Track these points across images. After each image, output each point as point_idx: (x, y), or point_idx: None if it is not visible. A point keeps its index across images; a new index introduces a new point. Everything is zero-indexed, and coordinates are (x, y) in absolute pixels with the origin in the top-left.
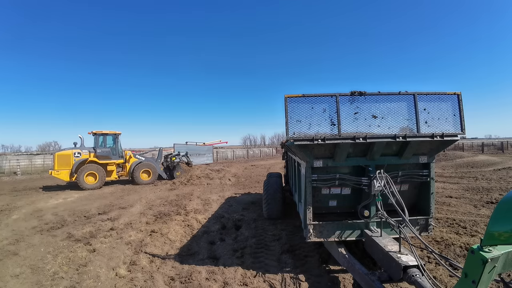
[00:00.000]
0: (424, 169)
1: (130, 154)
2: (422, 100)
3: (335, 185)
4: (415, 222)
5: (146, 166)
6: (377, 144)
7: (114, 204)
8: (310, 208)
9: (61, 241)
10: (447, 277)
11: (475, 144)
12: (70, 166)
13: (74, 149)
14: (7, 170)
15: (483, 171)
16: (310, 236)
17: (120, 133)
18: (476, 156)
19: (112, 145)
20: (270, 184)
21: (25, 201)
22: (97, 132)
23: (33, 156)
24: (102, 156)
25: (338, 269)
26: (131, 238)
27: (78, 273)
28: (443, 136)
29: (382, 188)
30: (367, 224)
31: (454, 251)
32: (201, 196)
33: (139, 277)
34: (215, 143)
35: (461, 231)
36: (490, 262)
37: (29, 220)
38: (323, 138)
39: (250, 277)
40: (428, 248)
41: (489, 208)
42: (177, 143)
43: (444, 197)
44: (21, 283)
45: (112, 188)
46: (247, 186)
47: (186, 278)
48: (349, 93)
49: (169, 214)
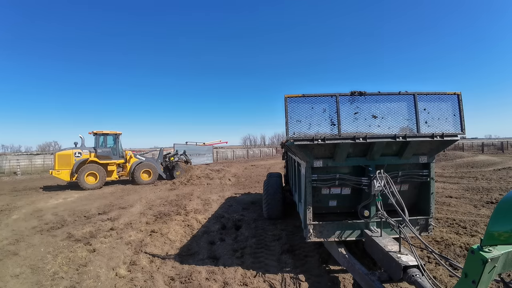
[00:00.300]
0: (424, 169)
1: (130, 154)
2: (422, 100)
3: (335, 185)
4: (415, 222)
5: (147, 166)
6: (377, 144)
7: (114, 204)
8: (310, 208)
9: (61, 241)
10: (447, 277)
11: (475, 144)
12: (71, 166)
13: (75, 149)
14: (7, 170)
15: (483, 171)
16: (310, 236)
17: (120, 133)
18: (476, 156)
19: (113, 145)
20: (270, 184)
21: (25, 201)
22: (98, 132)
23: (33, 156)
24: (102, 156)
25: (338, 269)
26: (131, 238)
27: (78, 273)
28: (443, 136)
29: (382, 188)
30: (367, 224)
31: (454, 251)
32: (201, 196)
33: (139, 277)
34: (215, 143)
35: (461, 231)
36: (490, 262)
37: (29, 220)
38: (323, 138)
39: (250, 277)
40: (428, 248)
41: (489, 208)
42: (177, 143)
43: (444, 197)
44: (21, 283)
45: (112, 188)
46: (247, 186)
47: (186, 278)
48: (349, 93)
49: (169, 214)
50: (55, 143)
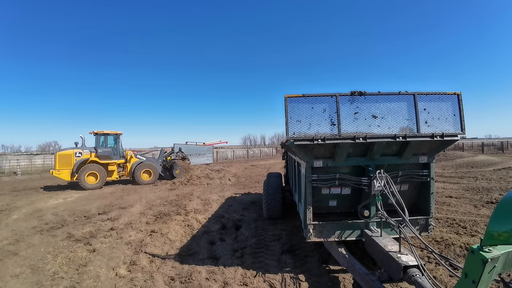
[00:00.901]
0: (424, 169)
1: (131, 154)
2: (422, 100)
3: (335, 185)
4: (415, 222)
5: (147, 166)
6: (377, 144)
7: (114, 204)
8: (310, 208)
9: (61, 241)
10: (447, 277)
11: (475, 144)
12: (71, 166)
13: (75, 149)
14: (7, 170)
15: (483, 171)
16: (310, 236)
17: (121, 133)
18: (476, 156)
19: (113, 145)
20: (270, 184)
21: (25, 201)
22: (98, 132)
23: (33, 156)
24: (103, 156)
25: (338, 269)
26: (131, 238)
27: (78, 273)
28: (443, 136)
29: (382, 188)
30: (367, 224)
31: (454, 251)
32: (201, 196)
33: (139, 277)
34: (215, 143)
35: (461, 231)
36: (490, 262)
37: (29, 220)
38: (323, 138)
39: (250, 277)
40: (428, 248)
41: (489, 208)
42: (177, 143)
43: (444, 197)
44: (21, 283)
45: (112, 188)
46: (247, 186)
47: (186, 278)
48: (349, 93)
49: (169, 214)
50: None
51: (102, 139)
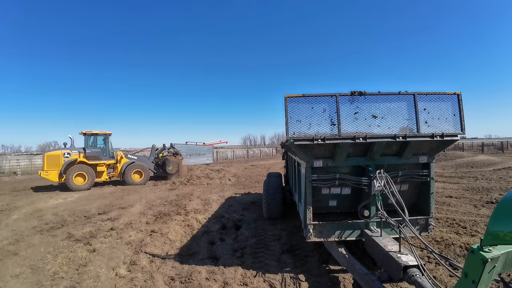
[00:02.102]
0: (424, 169)
1: (121, 155)
2: (422, 100)
3: (335, 185)
4: (415, 222)
5: (138, 166)
6: (377, 144)
7: (114, 204)
8: (310, 208)
9: (61, 241)
10: (447, 277)
11: (475, 144)
12: (60, 166)
13: (64, 150)
14: (7, 170)
15: (483, 171)
16: (310, 236)
17: (110, 133)
18: (476, 156)
19: (103, 145)
20: (270, 184)
21: (25, 201)
22: (87, 132)
23: (33, 156)
24: (91, 156)
25: (338, 269)
26: (131, 238)
27: (78, 273)
28: (443, 136)
29: (382, 188)
30: (367, 224)
31: (454, 251)
32: (201, 196)
33: (139, 277)
34: (215, 143)
35: (461, 231)
36: (490, 262)
37: (29, 220)
38: (323, 138)
39: (250, 277)
40: (428, 248)
41: (489, 208)
42: (177, 143)
43: (444, 197)
44: (21, 283)
45: (112, 188)
46: (247, 186)
47: (186, 278)
48: (349, 93)
49: (169, 214)
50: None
51: (91, 139)
